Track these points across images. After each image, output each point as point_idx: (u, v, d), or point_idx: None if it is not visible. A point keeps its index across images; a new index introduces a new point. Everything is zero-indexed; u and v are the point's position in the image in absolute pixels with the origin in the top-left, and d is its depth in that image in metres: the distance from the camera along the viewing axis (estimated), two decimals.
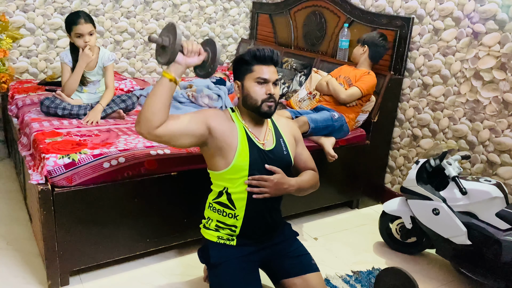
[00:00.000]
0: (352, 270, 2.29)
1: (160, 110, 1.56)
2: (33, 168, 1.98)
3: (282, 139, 1.83)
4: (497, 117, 2.42)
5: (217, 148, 1.70)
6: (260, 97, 1.70)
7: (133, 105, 2.64)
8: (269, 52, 1.69)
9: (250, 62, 1.71)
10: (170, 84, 1.59)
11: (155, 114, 1.55)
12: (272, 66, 1.72)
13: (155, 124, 1.56)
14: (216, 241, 1.77)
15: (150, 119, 1.55)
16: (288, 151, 1.82)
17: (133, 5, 3.69)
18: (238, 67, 1.75)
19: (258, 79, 1.69)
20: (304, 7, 3.62)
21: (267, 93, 1.69)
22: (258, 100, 1.70)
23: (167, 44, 1.59)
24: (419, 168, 2.26)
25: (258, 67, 1.70)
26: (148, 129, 1.56)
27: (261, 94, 1.69)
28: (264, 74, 1.69)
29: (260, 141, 1.75)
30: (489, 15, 2.41)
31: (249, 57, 1.70)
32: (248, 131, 1.74)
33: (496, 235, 2.01)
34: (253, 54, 1.70)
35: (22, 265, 2.14)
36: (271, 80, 1.70)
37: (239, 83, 1.75)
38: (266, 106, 1.71)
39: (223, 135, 1.69)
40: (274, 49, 1.73)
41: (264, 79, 1.69)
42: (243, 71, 1.73)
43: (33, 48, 3.39)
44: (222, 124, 1.71)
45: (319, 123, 2.50)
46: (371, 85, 2.65)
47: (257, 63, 1.70)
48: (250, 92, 1.70)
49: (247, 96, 1.72)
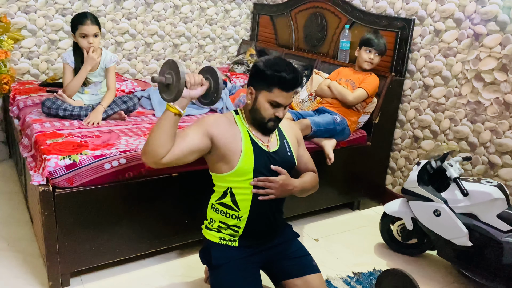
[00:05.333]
0: (353, 271, 2.29)
1: (166, 142, 1.59)
2: (34, 169, 1.98)
3: (285, 140, 1.83)
4: (498, 119, 2.42)
5: (220, 156, 1.70)
6: (268, 116, 1.70)
7: (134, 106, 2.65)
8: (295, 80, 1.64)
9: (273, 84, 1.64)
10: (175, 118, 1.61)
11: (160, 146, 1.59)
12: (292, 92, 1.69)
13: (161, 155, 1.60)
14: (218, 242, 1.77)
15: (157, 152, 1.59)
16: (291, 152, 1.83)
17: (134, 7, 3.69)
18: (259, 77, 1.68)
19: (273, 102, 1.67)
20: (305, 8, 3.62)
21: (276, 115, 1.69)
22: (266, 118, 1.70)
23: (170, 83, 1.60)
24: (420, 170, 2.26)
25: (278, 92, 1.65)
26: (155, 161, 1.62)
27: (270, 114, 1.69)
28: (281, 99, 1.67)
29: (264, 143, 1.75)
30: (490, 16, 2.41)
31: (274, 79, 1.63)
32: (251, 134, 1.74)
33: (497, 237, 2.01)
34: (278, 78, 1.62)
35: (23, 266, 2.14)
36: (285, 105, 1.70)
37: (254, 92, 1.71)
38: (271, 125, 1.72)
39: (226, 143, 1.69)
40: (300, 72, 1.68)
41: (278, 104, 1.68)
42: (262, 85, 1.67)
43: (35, 50, 3.39)
44: (224, 131, 1.70)
45: (321, 126, 2.50)
46: (375, 85, 2.67)
47: (279, 88, 1.65)
48: (260, 108, 1.69)
49: (256, 110, 1.71)
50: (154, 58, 3.92)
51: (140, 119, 2.63)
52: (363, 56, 2.67)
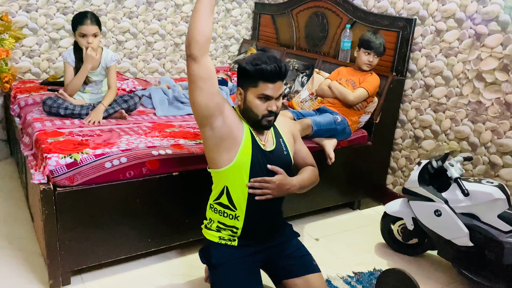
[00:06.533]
0: (354, 271, 2.29)
1: (208, 26, 1.52)
2: (35, 168, 1.98)
3: (281, 139, 1.83)
4: (499, 119, 2.42)
5: (221, 138, 1.67)
6: (261, 112, 1.68)
7: (135, 105, 2.65)
8: (276, 69, 1.62)
9: (256, 78, 1.64)
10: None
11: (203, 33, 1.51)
12: (279, 82, 1.66)
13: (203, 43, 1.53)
14: (218, 241, 1.77)
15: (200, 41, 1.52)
16: (288, 151, 1.82)
17: (136, 6, 3.69)
18: (243, 75, 1.69)
19: (261, 95, 1.66)
20: (306, 8, 3.62)
21: (268, 109, 1.67)
22: (259, 115, 1.68)
23: None
24: (421, 170, 2.26)
25: (264, 84, 1.64)
26: (199, 52, 1.53)
27: (262, 110, 1.67)
28: (268, 91, 1.65)
29: (262, 141, 1.75)
30: (491, 16, 2.40)
31: (255, 72, 1.63)
32: (252, 130, 1.74)
33: (498, 237, 2.01)
34: (259, 70, 1.62)
35: (24, 264, 2.14)
36: (275, 97, 1.67)
37: (242, 91, 1.71)
38: (266, 121, 1.70)
39: (232, 125, 1.67)
40: (282, 62, 1.65)
41: (267, 96, 1.66)
42: (247, 83, 1.68)
43: (36, 48, 3.39)
44: (232, 117, 1.69)
45: (322, 126, 2.50)
46: (376, 85, 2.66)
47: (263, 80, 1.64)
48: (251, 106, 1.68)
49: (247, 109, 1.70)
50: (155, 57, 3.92)
51: (141, 118, 2.63)
52: (362, 58, 2.66)
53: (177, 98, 2.96)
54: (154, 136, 2.30)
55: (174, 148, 2.15)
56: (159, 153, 2.09)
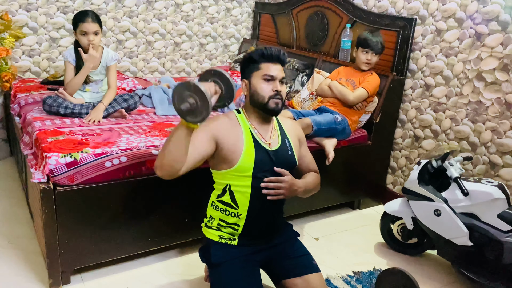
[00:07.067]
0: (353, 270, 2.29)
1: (183, 156, 1.57)
2: (35, 167, 1.98)
3: (287, 139, 1.84)
4: (499, 119, 2.42)
5: (222, 157, 1.71)
6: (267, 94, 1.72)
7: (135, 104, 2.65)
8: (276, 51, 1.73)
9: (257, 60, 1.74)
10: (192, 131, 1.56)
11: (178, 161, 1.57)
12: (279, 64, 1.75)
13: (178, 169, 1.59)
14: (218, 240, 1.77)
15: (174, 166, 1.58)
16: (292, 151, 1.83)
17: (136, 5, 3.69)
18: (246, 65, 1.78)
19: (265, 76, 1.72)
20: (307, 7, 3.62)
21: (274, 89, 1.72)
22: (265, 96, 1.72)
23: (196, 107, 1.46)
24: (421, 169, 2.26)
25: (265, 65, 1.73)
26: (171, 174, 1.61)
27: (268, 91, 1.72)
28: (271, 71, 1.72)
29: (266, 141, 1.76)
30: (492, 16, 2.40)
31: (257, 55, 1.74)
32: (253, 132, 1.75)
33: (497, 237, 2.01)
34: (260, 52, 1.73)
35: (23, 263, 2.14)
36: (278, 78, 1.73)
37: (246, 81, 1.78)
38: (273, 103, 1.73)
39: (229, 144, 1.70)
40: (282, 49, 1.76)
41: (271, 76, 1.72)
42: (251, 69, 1.76)
43: (36, 47, 3.39)
44: (228, 133, 1.71)
45: (322, 125, 2.50)
46: (376, 85, 2.66)
47: (264, 61, 1.73)
48: (257, 89, 1.73)
49: (254, 94, 1.74)
50: (155, 56, 3.92)
51: (141, 117, 2.63)
52: (360, 57, 2.65)
53: None
54: (154, 135, 2.30)
55: None
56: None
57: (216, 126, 1.71)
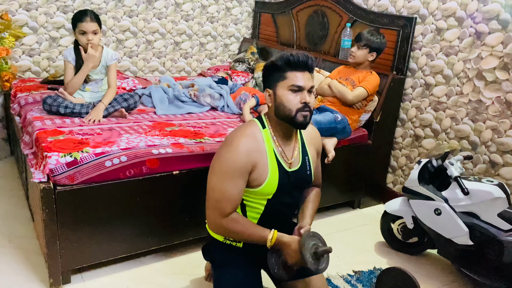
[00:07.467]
0: (354, 270, 2.29)
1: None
2: (35, 167, 1.99)
3: (307, 157, 1.75)
4: (499, 118, 2.41)
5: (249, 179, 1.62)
6: (295, 106, 1.57)
7: (135, 104, 2.64)
8: (304, 57, 1.56)
9: (283, 69, 1.57)
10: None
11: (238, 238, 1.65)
12: (307, 72, 1.59)
13: None
14: (223, 241, 1.74)
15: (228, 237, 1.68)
16: (311, 170, 1.76)
17: (136, 4, 3.69)
18: (269, 73, 1.63)
19: (292, 87, 1.57)
20: (307, 6, 3.61)
21: (302, 101, 1.57)
22: (293, 110, 1.57)
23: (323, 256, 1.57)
24: (421, 168, 2.26)
25: (292, 74, 1.57)
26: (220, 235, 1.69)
27: (296, 103, 1.57)
28: (299, 81, 1.56)
29: (288, 160, 1.67)
30: (492, 15, 2.40)
31: (282, 63, 1.57)
32: (277, 152, 1.65)
33: (498, 236, 2.01)
34: (286, 59, 1.56)
35: (24, 263, 2.14)
36: (306, 88, 1.58)
37: (271, 91, 1.62)
38: (301, 116, 1.58)
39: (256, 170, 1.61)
40: (309, 54, 1.60)
41: (298, 87, 1.56)
42: (275, 78, 1.60)
43: (36, 47, 3.39)
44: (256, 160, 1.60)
45: (322, 124, 2.50)
46: (376, 84, 2.65)
47: (291, 69, 1.57)
48: (283, 101, 1.58)
49: (280, 106, 1.59)
50: (155, 56, 3.92)
51: (141, 117, 2.63)
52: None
53: (177, 97, 2.96)
54: (154, 135, 2.30)
55: (174, 147, 2.15)
56: (159, 152, 2.09)
57: (251, 160, 1.58)
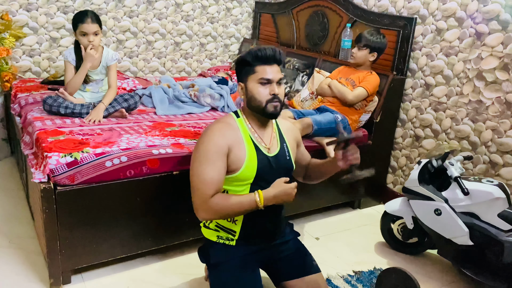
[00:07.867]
0: (354, 270, 2.29)
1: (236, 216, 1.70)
2: (36, 167, 1.99)
3: (285, 144, 1.81)
4: (499, 118, 2.42)
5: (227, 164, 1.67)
6: (265, 98, 1.65)
7: (136, 104, 2.65)
8: (271, 51, 1.65)
9: (252, 63, 1.66)
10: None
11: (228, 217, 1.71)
12: (275, 66, 1.68)
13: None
14: (216, 240, 1.76)
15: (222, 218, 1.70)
16: (290, 156, 1.81)
17: (136, 4, 3.69)
18: (240, 68, 1.71)
19: (261, 80, 1.65)
20: (307, 7, 3.62)
21: (271, 93, 1.65)
22: (263, 101, 1.66)
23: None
24: (421, 169, 2.26)
25: (261, 68, 1.65)
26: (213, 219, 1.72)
27: (265, 95, 1.65)
28: (267, 74, 1.65)
29: (266, 145, 1.73)
30: (492, 15, 2.40)
31: (251, 57, 1.66)
32: (253, 137, 1.71)
33: (498, 236, 2.01)
34: (254, 54, 1.65)
35: (24, 263, 2.14)
36: (275, 80, 1.66)
37: (242, 84, 1.71)
38: (272, 107, 1.66)
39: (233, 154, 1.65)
40: (277, 48, 1.68)
41: (267, 80, 1.65)
42: (246, 72, 1.69)
43: (36, 47, 3.39)
44: (233, 143, 1.66)
45: (322, 125, 2.50)
46: (376, 84, 2.66)
47: (259, 63, 1.65)
48: (254, 94, 1.66)
49: (251, 98, 1.68)
50: (156, 56, 3.92)
51: (141, 117, 2.64)
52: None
53: (177, 97, 2.96)
54: (155, 135, 2.30)
55: (175, 147, 2.15)
56: (160, 152, 2.09)
57: (222, 138, 1.64)
